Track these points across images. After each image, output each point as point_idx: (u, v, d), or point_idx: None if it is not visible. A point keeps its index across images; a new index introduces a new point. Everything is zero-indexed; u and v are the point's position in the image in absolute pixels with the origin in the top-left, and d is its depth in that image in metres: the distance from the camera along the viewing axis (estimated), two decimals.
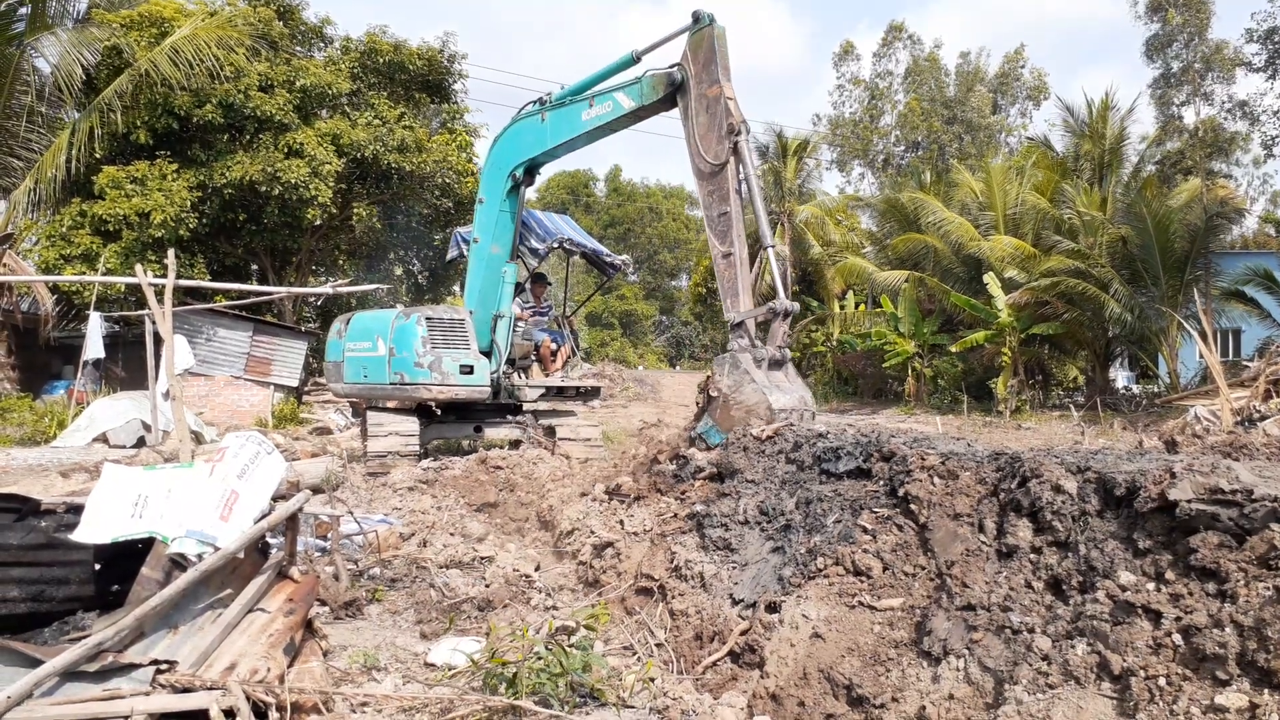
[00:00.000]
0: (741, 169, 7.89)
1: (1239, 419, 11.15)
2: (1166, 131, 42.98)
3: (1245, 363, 20.57)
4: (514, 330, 12.21)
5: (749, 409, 6.75)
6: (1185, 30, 44.17)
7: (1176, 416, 13.81)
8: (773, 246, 7.88)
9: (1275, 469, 4.00)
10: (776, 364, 7.39)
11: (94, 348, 17.31)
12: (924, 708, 3.64)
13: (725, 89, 8.02)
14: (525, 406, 12.63)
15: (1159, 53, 45.58)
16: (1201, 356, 18.89)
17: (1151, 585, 3.36)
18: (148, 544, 4.08)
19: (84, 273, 19.03)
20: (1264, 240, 34.72)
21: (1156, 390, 24.86)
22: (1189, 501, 3.38)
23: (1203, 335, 13.85)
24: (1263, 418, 10.66)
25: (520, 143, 11.15)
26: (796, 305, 7.82)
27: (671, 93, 8.69)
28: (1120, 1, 76.88)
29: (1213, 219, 23.59)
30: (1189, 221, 23.25)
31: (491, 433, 12.71)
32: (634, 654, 4.95)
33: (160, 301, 8.52)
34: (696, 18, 8.48)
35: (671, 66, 8.61)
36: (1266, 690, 2.85)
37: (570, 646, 4.18)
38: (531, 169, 11.51)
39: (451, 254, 14.43)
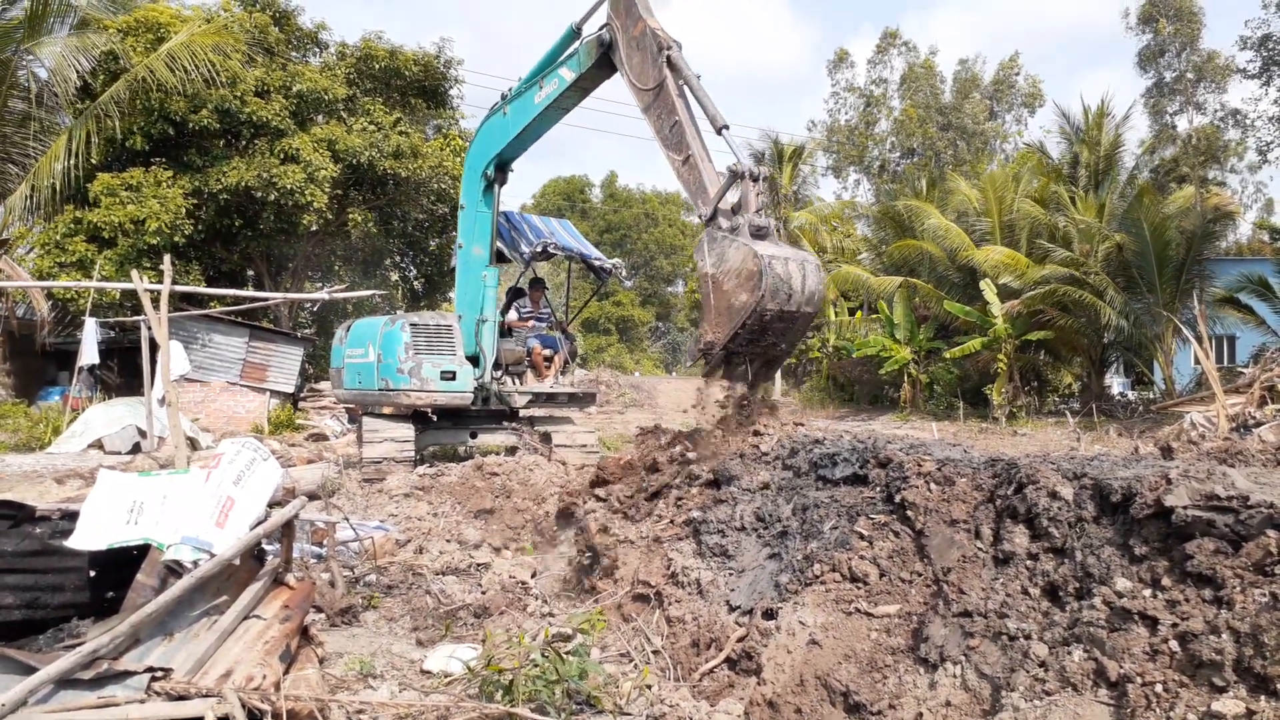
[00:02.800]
0: (679, 77, 7.62)
1: (1234, 425, 11.17)
2: (1161, 139, 43.16)
3: (1240, 369, 20.61)
4: (509, 336, 12.20)
5: (737, 272, 6.15)
6: (1177, 40, 44.42)
7: (1172, 423, 13.83)
8: (727, 127, 7.29)
9: (1271, 475, 4.01)
10: (759, 231, 6.62)
11: (89, 354, 17.26)
12: (921, 714, 3.64)
13: (649, 21, 7.97)
14: (520, 412, 12.62)
15: (1151, 62, 45.84)
16: (1197, 363, 18.93)
17: (1148, 591, 3.37)
18: (143, 551, 4.07)
19: (79, 280, 18.99)
20: (1258, 247, 34.81)
21: (1152, 397, 24.89)
22: (1185, 508, 3.39)
23: (1199, 340, 13.88)
24: (1258, 424, 10.68)
25: (489, 141, 11.32)
26: (764, 168, 7.30)
27: (604, 54, 8.69)
28: (1115, 9, 77.13)
29: (1208, 226, 23.66)
30: (1184, 228, 23.32)
31: (487, 439, 12.70)
32: (631, 661, 4.95)
33: (156, 307, 8.51)
34: None
35: (602, 28, 8.66)
36: (1263, 697, 2.85)
37: (567, 653, 4.17)
38: (501, 165, 11.60)
39: (454, 263, 14.47)
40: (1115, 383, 30.79)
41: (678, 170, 7.46)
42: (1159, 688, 3.06)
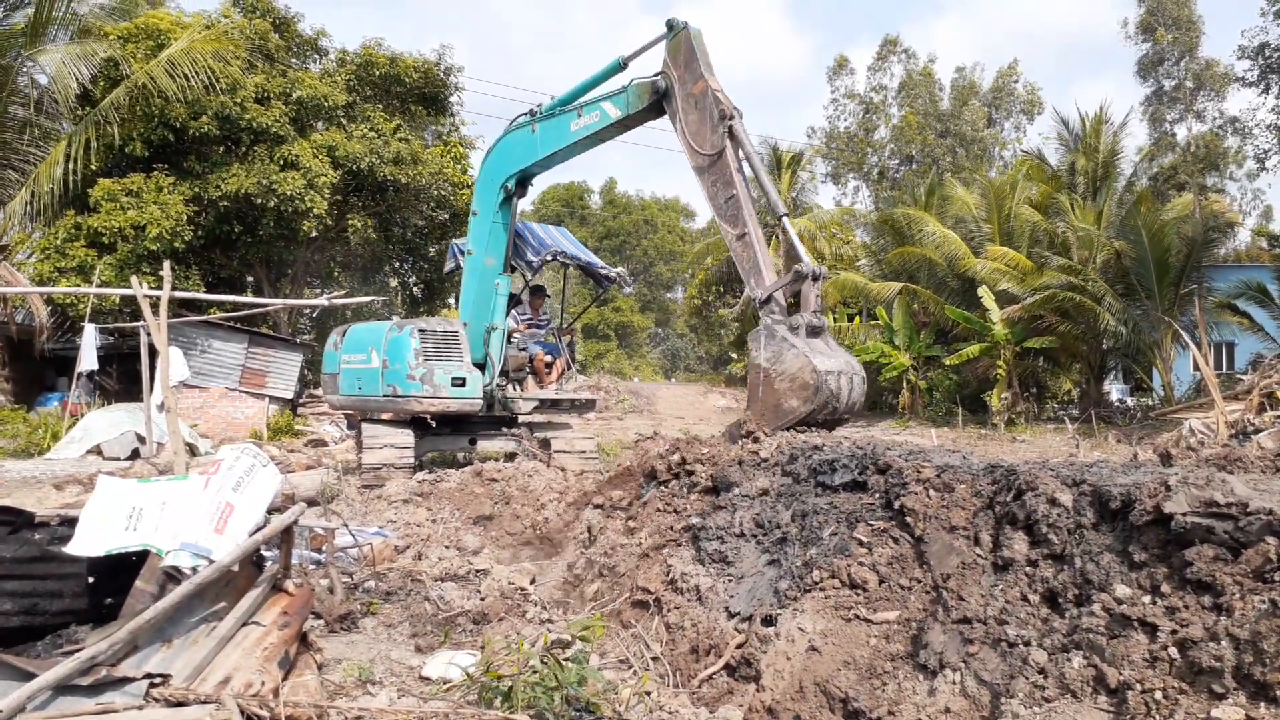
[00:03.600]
0: (740, 150, 7.76)
1: (1233, 432, 11.17)
2: (1160, 147, 43.25)
3: (1239, 376, 20.63)
4: (509, 342, 12.20)
5: (792, 377, 6.49)
6: (1176, 49, 44.54)
7: (1171, 429, 13.83)
8: (786, 215, 7.71)
9: (1270, 482, 4.01)
10: (815, 331, 7.02)
11: (88, 360, 17.27)
12: None
13: (710, 82, 8.01)
14: (520, 419, 12.62)
15: (1150, 71, 45.97)
16: (1196, 370, 18.94)
17: (1147, 598, 3.37)
18: (142, 557, 4.07)
19: (79, 285, 18.99)
20: (1257, 254, 34.86)
21: (1151, 403, 24.91)
22: (1184, 514, 3.39)
23: (1198, 347, 13.89)
24: (1257, 430, 10.67)
25: (512, 154, 11.19)
26: (824, 268, 7.52)
27: (657, 100, 8.70)
28: (1115, 17, 77.37)
29: (1206, 233, 23.71)
30: (1183, 235, 23.36)
31: (487, 445, 12.70)
32: (630, 667, 4.94)
33: (155, 313, 8.51)
34: (670, 25, 8.55)
35: (655, 75, 8.63)
36: (1263, 703, 2.85)
37: (566, 660, 4.16)
38: (523, 180, 11.55)
39: (449, 266, 14.44)
40: (1114, 389, 30.81)
41: (730, 242, 7.64)
42: (1158, 694, 3.06)
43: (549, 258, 12.77)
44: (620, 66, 9.60)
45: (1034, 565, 3.89)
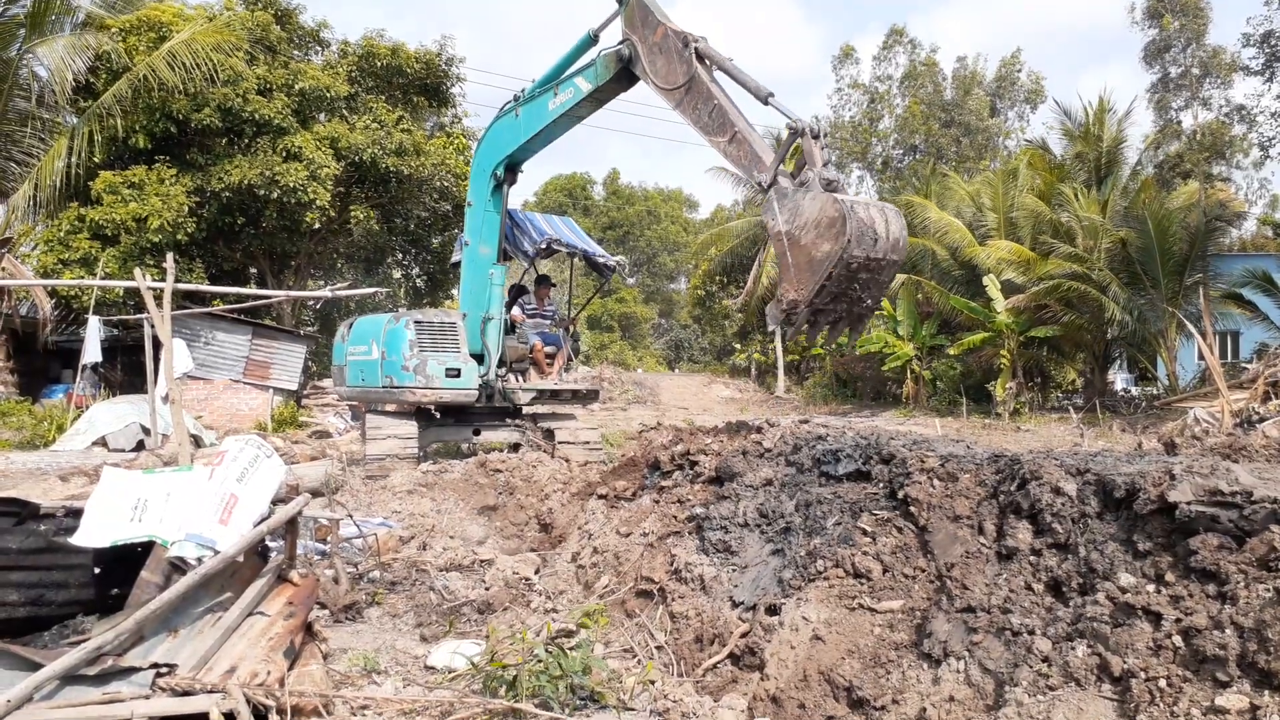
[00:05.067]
0: (712, 63, 7.45)
1: (1238, 421, 11.15)
2: (1165, 135, 43.08)
3: (1244, 365, 20.58)
4: (511, 333, 12.19)
5: (816, 222, 5.70)
6: (1183, 35, 44.33)
7: (1175, 418, 13.81)
8: (771, 94, 7.22)
9: (1274, 471, 4.01)
10: (829, 185, 6.14)
11: (92, 352, 17.29)
12: (924, 709, 3.64)
13: (669, 25, 7.88)
14: (523, 410, 12.62)
15: (1157, 58, 45.77)
16: (1200, 359, 18.90)
17: (1151, 587, 3.36)
18: (147, 548, 4.08)
19: (82, 278, 19.02)
20: (1262, 243, 34.75)
21: (1155, 392, 24.87)
22: (1189, 503, 3.39)
23: (1203, 336, 13.86)
24: (1261, 420, 10.65)
25: (499, 141, 11.24)
26: (819, 121, 6.84)
27: (624, 68, 8.64)
28: (1124, 3, 76.97)
29: (1211, 221, 23.62)
30: (1188, 224, 23.29)
31: (491, 436, 12.71)
32: (634, 656, 4.95)
33: (159, 305, 8.52)
34: (619, 0, 8.51)
35: (621, 43, 8.59)
36: (1267, 692, 2.85)
37: (570, 649, 4.17)
38: (512, 166, 11.55)
39: (455, 258, 14.43)
40: (1119, 378, 30.78)
41: (724, 150, 7.09)
42: (1162, 683, 3.06)
43: (543, 246, 12.73)
44: (591, 40, 9.57)
45: (1038, 554, 3.89)
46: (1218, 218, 24.53)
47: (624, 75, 8.79)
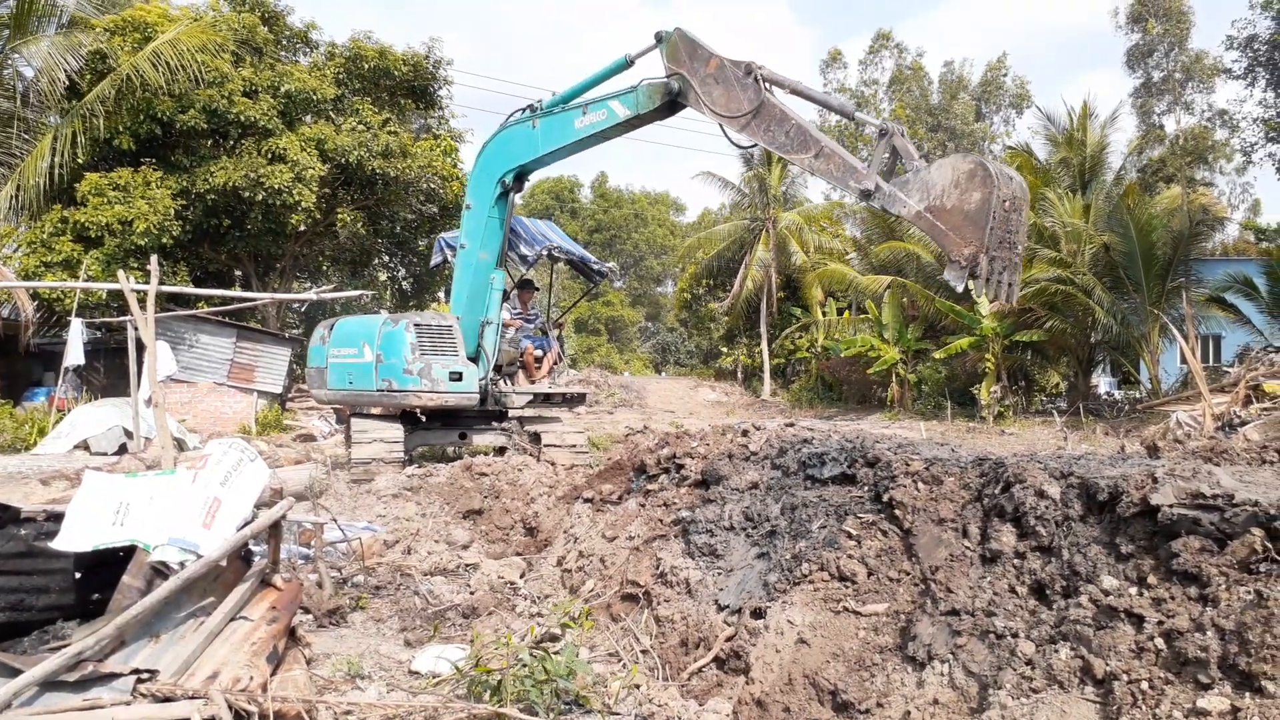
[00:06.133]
0: (779, 89, 7.59)
1: (1220, 424, 11.24)
2: (1148, 140, 43.38)
3: (1225, 369, 20.74)
4: (502, 337, 12.17)
5: (954, 183, 5.75)
6: (1165, 40, 44.67)
7: (1158, 422, 13.91)
8: (857, 108, 7.38)
9: (1256, 474, 4.03)
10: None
11: (75, 354, 17.17)
12: (909, 713, 3.65)
13: (721, 56, 7.96)
14: (511, 413, 12.60)
15: (1140, 62, 46.12)
16: (1183, 362, 19.03)
17: (1134, 589, 3.38)
18: (129, 552, 4.05)
19: (65, 280, 18.88)
20: (1244, 247, 35.02)
21: (1138, 396, 25.02)
22: (1171, 506, 3.41)
23: (1185, 340, 13.97)
24: (1243, 423, 10.74)
25: (510, 149, 11.06)
26: (900, 124, 7.11)
27: (669, 101, 8.65)
28: (1110, 8, 77.52)
29: (1194, 226, 23.80)
30: (1171, 228, 23.46)
31: (477, 439, 12.68)
32: (619, 661, 4.95)
33: (143, 308, 8.47)
34: (659, 37, 8.48)
35: (669, 76, 8.56)
36: (1248, 694, 2.87)
37: (555, 653, 4.17)
38: (521, 175, 11.44)
39: (435, 260, 14.38)
40: (1102, 382, 30.95)
41: (811, 166, 7.07)
42: (1145, 685, 3.08)
43: (544, 252, 12.71)
44: (627, 64, 9.47)
45: (1022, 557, 3.91)
46: (1200, 222, 24.71)
47: (668, 107, 8.79)
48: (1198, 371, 13.05)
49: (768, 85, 7.44)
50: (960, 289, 5.78)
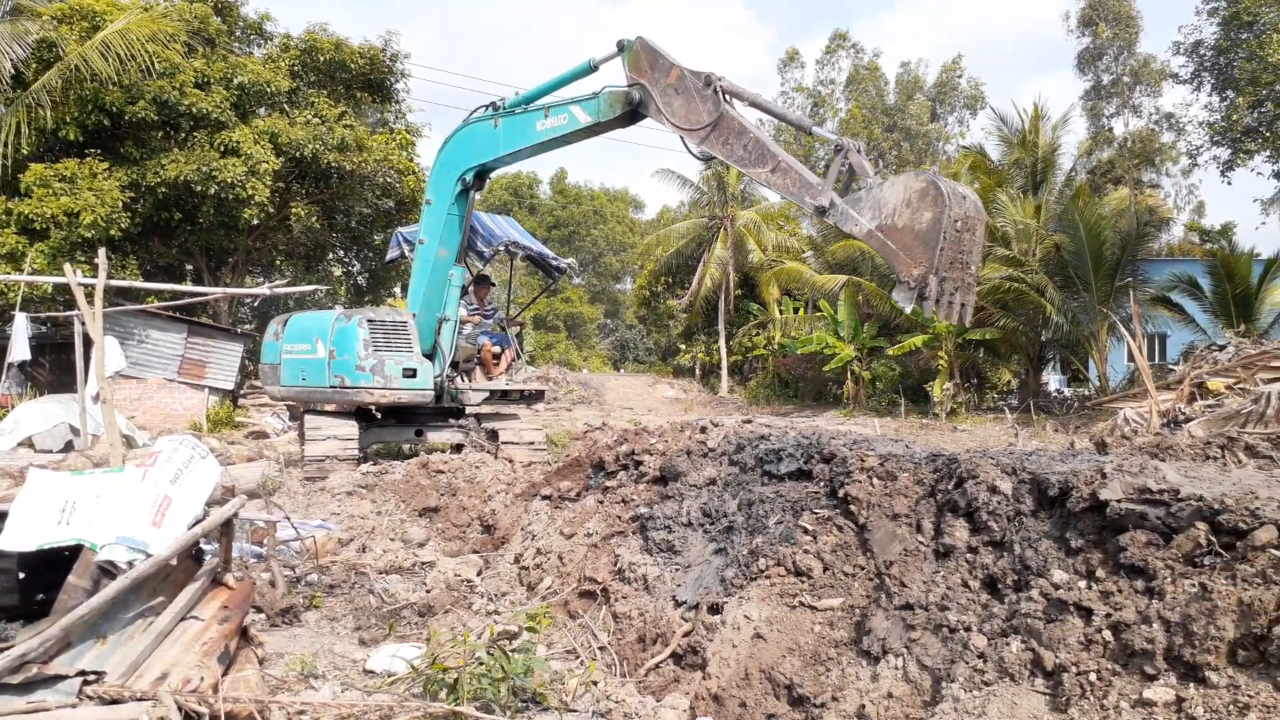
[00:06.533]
0: (738, 100, 7.58)
1: (1165, 421, 11.46)
2: (1097, 142, 44.19)
3: (1171, 366, 21.19)
4: (459, 333, 12.08)
5: (905, 201, 5.70)
6: (1115, 44, 45.53)
7: (1106, 419, 14.15)
8: (815, 125, 7.31)
9: (1200, 469, 4.13)
10: None
11: (19, 350, 16.76)
12: (863, 706, 3.68)
13: (682, 67, 7.92)
14: (468, 410, 12.53)
15: (1090, 65, 46.97)
16: (1130, 360, 19.41)
17: (1083, 583, 3.45)
18: (75, 551, 3.96)
19: (9, 273, 18.43)
20: (1189, 248, 35.79)
21: (1087, 393, 25.49)
22: (1119, 501, 3.48)
23: (1133, 338, 14.23)
24: (1188, 419, 10.96)
25: (471, 147, 10.97)
26: (859, 141, 6.91)
27: (630, 110, 8.60)
28: (1062, 12, 78.83)
29: (1141, 227, 24.31)
30: (1119, 229, 23.94)
31: (433, 436, 12.58)
32: (577, 657, 4.94)
33: (90, 302, 8.30)
34: (621, 45, 8.45)
35: (630, 86, 8.51)
36: (1193, 684, 2.93)
37: (512, 651, 4.15)
38: (482, 174, 11.37)
39: (392, 255, 14.24)
40: (1052, 380, 31.50)
41: (768, 180, 7.09)
42: (1093, 676, 3.14)
43: (500, 248, 12.63)
44: (590, 69, 9.41)
45: (974, 552, 3.96)
46: (1147, 223, 25.25)
47: (629, 116, 8.72)
48: (1144, 369, 13.30)
49: (727, 97, 7.44)
50: (909, 310, 5.73)
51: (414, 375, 11.45)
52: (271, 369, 12.61)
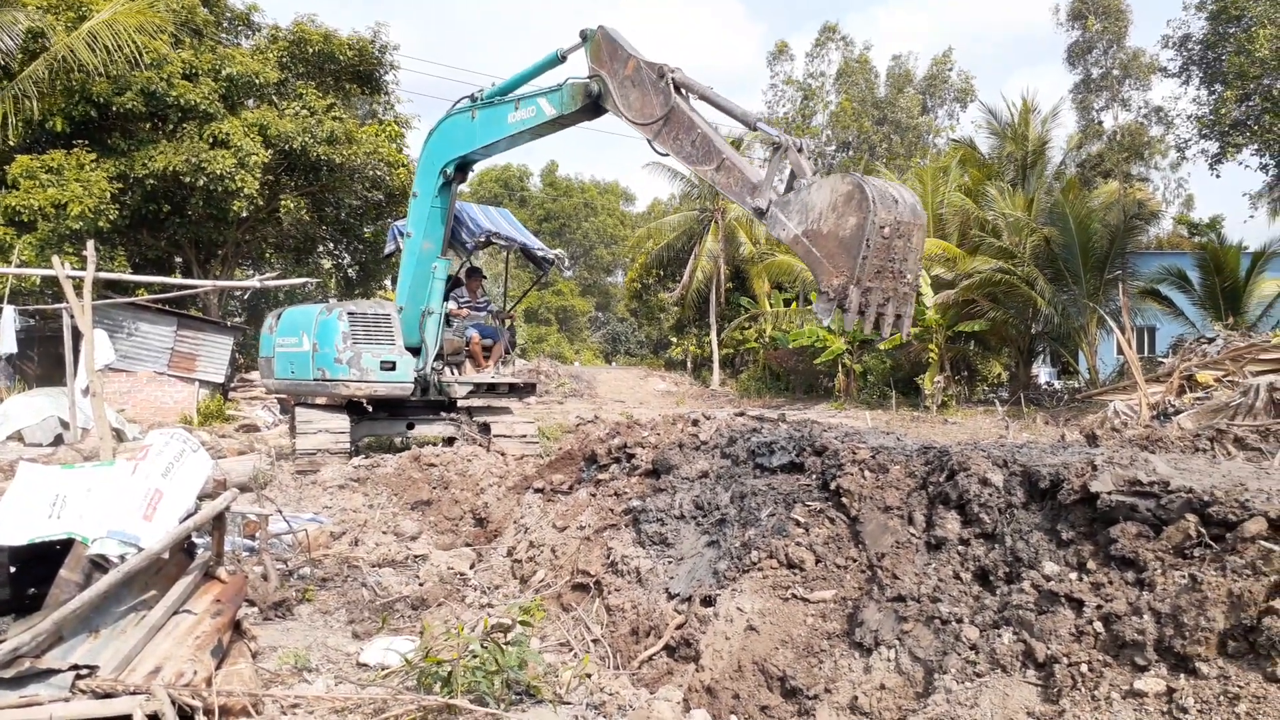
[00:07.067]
0: (690, 92, 7.47)
1: (1155, 413, 11.53)
2: (1087, 135, 44.30)
3: (1160, 359, 21.30)
4: (448, 326, 12.06)
5: (830, 205, 5.43)
6: (1104, 37, 45.62)
7: (1096, 411, 14.22)
8: (761, 119, 7.02)
9: (1190, 461, 4.16)
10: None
11: (8, 343, 16.70)
12: (856, 698, 3.70)
13: (640, 58, 7.78)
14: (459, 403, 12.51)
15: (1079, 59, 47.04)
16: (1120, 353, 19.50)
17: (1074, 575, 3.47)
18: (66, 545, 3.95)
19: None
20: (1177, 241, 35.93)
21: (1077, 386, 25.61)
22: (1109, 493, 3.50)
23: (1122, 331, 14.30)
24: (1177, 412, 11.03)
25: (451, 139, 10.94)
26: (807, 140, 6.75)
27: (591, 103, 8.50)
28: (1052, 6, 78.85)
29: (1130, 220, 24.41)
30: (1109, 222, 24.03)
31: (425, 430, 12.57)
32: (570, 650, 4.95)
33: (79, 294, 8.26)
34: (584, 35, 8.36)
35: (590, 77, 8.41)
36: (1183, 675, 2.96)
37: (506, 644, 4.15)
38: (463, 166, 11.33)
39: (389, 248, 14.22)
40: (1042, 372, 31.62)
41: (713, 178, 6.80)
42: (1084, 667, 3.16)
43: (483, 239, 12.58)
44: (559, 59, 9.33)
45: (966, 544, 3.98)
46: (1136, 217, 25.35)
47: (592, 108, 8.59)
48: (1134, 362, 13.37)
49: (680, 90, 7.30)
50: (827, 322, 5.42)
51: (393, 368, 11.44)
52: (266, 362, 12.68)
